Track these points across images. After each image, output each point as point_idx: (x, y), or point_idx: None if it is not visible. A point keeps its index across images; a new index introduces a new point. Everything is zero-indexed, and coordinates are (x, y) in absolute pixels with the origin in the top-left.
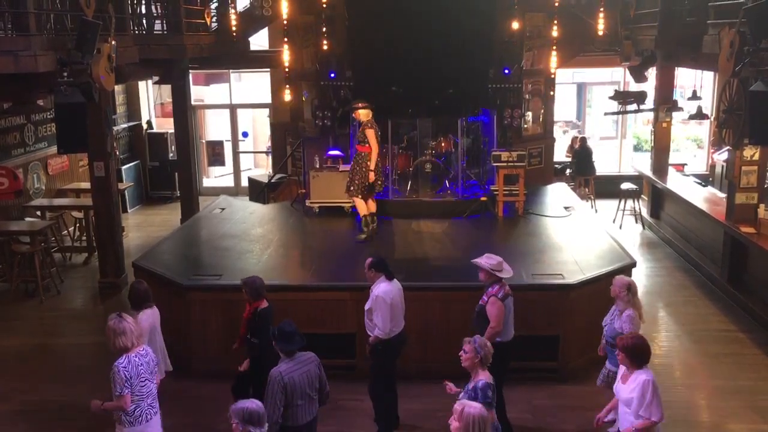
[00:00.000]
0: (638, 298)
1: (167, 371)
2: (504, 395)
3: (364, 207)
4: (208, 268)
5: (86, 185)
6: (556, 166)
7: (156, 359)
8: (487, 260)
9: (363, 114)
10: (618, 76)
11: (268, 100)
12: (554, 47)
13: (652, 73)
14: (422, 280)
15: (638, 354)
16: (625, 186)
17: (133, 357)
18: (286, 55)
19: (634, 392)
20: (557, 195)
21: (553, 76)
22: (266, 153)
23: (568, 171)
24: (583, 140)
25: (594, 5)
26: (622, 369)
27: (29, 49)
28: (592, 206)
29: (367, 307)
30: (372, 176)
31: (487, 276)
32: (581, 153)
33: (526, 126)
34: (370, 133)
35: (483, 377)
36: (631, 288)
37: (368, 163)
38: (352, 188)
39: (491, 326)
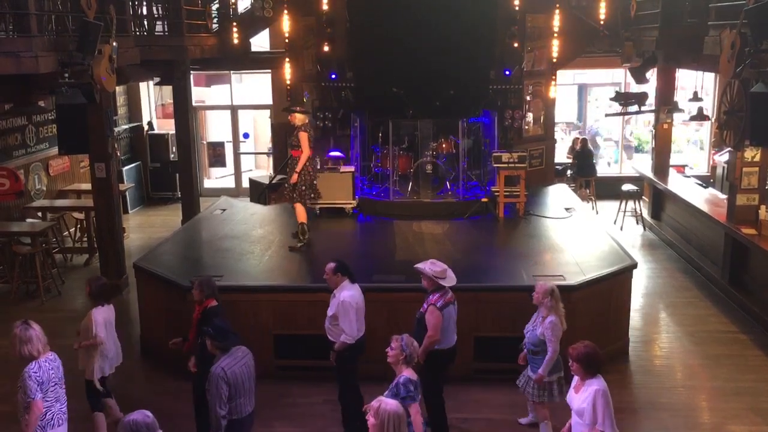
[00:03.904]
0: (561, 304)
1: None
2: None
3: (304, 214)
4: (208, 269)
5: (87, 186)
6: (557, 167)
7: (61, 370)
8: (431, 267)
9: (299, 118)
10: (619, 77)
11: (269, 101)
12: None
13: (653, 74)
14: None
15: (590, 362)
16: (626, 187)
17: (43, 362)
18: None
19: (585, 402)
20: (558, 196)
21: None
22: (267, 154)
23: (568, 172)
24: (584, 141)
25: (594, 6)
26: (575, 379)
27: (30, 50)
28: (592, 207)
29: (330, 312)
30: (295, 177)
31: (430, 283)
32: (582, 154)
33: (526, 127)
34: (303, 136)
35: (406, 373)
36: (553, 294)
37: (296, 165)
38: (294, 195)
39: (428, 335)
